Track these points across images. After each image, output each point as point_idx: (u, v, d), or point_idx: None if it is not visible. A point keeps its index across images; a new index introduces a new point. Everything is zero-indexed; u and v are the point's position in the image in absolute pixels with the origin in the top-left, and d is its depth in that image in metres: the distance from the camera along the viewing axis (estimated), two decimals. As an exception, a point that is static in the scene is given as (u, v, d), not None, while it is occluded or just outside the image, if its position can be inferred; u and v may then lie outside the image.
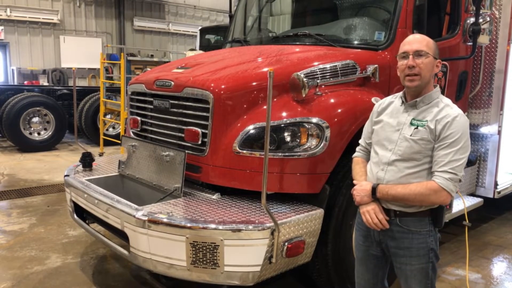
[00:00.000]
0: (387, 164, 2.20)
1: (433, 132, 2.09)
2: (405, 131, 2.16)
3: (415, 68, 2.12)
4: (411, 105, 2.20)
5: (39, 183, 6.82)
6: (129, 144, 3.57)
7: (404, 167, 2.15)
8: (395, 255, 2.26)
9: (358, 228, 2.45)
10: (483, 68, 4.37)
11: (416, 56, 2.12)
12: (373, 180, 2.28)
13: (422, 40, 2.16)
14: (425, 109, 2.16)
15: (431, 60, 2.13)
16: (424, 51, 2.12)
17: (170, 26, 16.70)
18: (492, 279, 3.92)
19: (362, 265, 2.46)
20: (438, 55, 2.18)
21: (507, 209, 5.68)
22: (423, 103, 2.17)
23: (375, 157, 2.30)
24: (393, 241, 2.24)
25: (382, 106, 2.37)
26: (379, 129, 2.31)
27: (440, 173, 2.05)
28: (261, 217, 2.70)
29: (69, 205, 3.65)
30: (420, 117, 2.15)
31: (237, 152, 2.92)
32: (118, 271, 3.92)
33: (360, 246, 2.44)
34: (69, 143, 10.44)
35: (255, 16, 4.93)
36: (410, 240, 2.19)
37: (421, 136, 2.11)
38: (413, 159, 2.13)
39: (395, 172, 2.17)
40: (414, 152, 2.12)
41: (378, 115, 2.37)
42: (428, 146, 2.11)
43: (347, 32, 3.89)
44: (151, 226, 2.66)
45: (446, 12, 3.97)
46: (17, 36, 13.63)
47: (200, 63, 3.63)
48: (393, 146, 2.19)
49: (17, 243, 4.46)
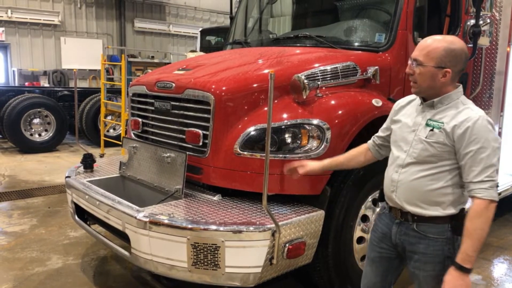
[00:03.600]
0: (401, 166, 2.14)
1: (449, 136, 1.98)
2: (420, 132, 2.08)
3: (412, 75, 2.07)
4: (429, 105, 2.10)
5: (40, 184, 6.83)
6: (130, 146, 3.57)
7: (418, 170, 2.08)
8: (410, 258, 2.20)
9: (375, 229, 2.38)
10: (483, 69, 4.37)
11: (415, 63, 2.05)
12: (388, 183, 2.23)
13: (425, 47, 2.04)
14: (443, 110, 2.05)
15: (428, 70, 2.01)
16: (420, 60, 2.02)
17: (170, 28, 16.72)
18: (493, 281, 3.92)
19: (372, 266, 2.40)
20: (452, 62, 2.00)
21: (507, 210, 5.68)
22: (441, 103, 2.06)
23: (390, 158, 2.25)
24: (409, 245, 2.17)
25: (401, 104, 2.30)
26: (397, 129, 2.24)
27: (478, 185, 1.94)
28: (262, 219, 2.71)
29: (70, 206, 3.66)
30: (437, 117, 2.05)
31: (238, 154, 2.93)
32: (119, 272, 3.92)
33: (373, 247, 2.37)
34: (70, 144, 10.45)
35: (256, 17, 4.94)
36: (426, 246, 2.11)
37: (437, 139, 2.01)
38: (428, 162, 2.05)
39: (409, 175, 2.11)
40: (429, 155, 2.04)
41: (395, 114, 2.30)
42: (445, 149, 2.01)
43: (348, 34, 3.90)
44: (152, 228, 2.67)
45: (447, 14, 3.98)
46: (18, 37, 13.66)
47: (201, 65, 3.64)
48: (408, 148, 2.12)
49: (18, 244, 4.46)
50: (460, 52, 2.03)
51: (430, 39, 2.09)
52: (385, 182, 2.26)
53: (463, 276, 1.93)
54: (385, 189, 2.28)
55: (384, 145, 2.41)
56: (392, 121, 2.32)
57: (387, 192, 2.25)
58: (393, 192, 2.18)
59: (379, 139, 2.44)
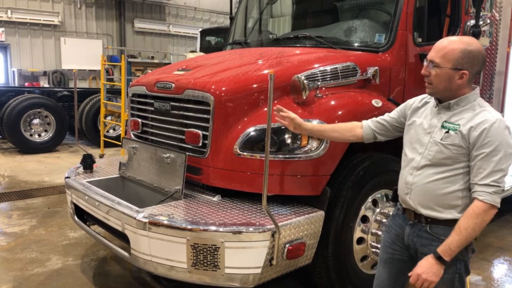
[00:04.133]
0: (416, 168, 2.12)
1: (465, 138, 1.96)
2: (436, 134, 2.06)
3: (428, 77, 2.07)
4: (445, 107, 2.08)
5: (40, 185, 6.83)
6: (129, 146, 3.57)
7: (433, 173, 2.06)
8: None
9: (389, 230, 2.37)
10: (483, 70, 4.37)
11: (431, 64, 2.04)
12: (402, 185, 2.21)
13: (441, 49, 2.02)
14: (459, 112, 2.03)
15: (445, 72, 1.99)
16: (435, 62, 2.02)
17: (170, 28, 16.72)
18: (493, 281, 3.92)
19: (385, 267, 2.39)
20: (470, 64, 1.98)
21: (507, 211, 5.67)
22: (457, 105, 2.04)
23: (405, 160, 2.23)
24: (421, 247, 2.16)
25: (417, 105, 2.27)
26: (411, 130, 2.22)
27: (482, 188, 1.93)
28: (261, 219, 2.70)
29: (70, 207, 3.65)
30: (453, 120, 2.03)
31: (237, 154, 2.93)
32: (118, 273, 3.92)
33: (386, 248, 2.37)
34: (70, 145, 10.44)
35: (256, 18, 4.94)
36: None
37: (452, 142, 1.99)
38: (443, 165, 2.03)
39: (423, 177, 2.09)
40: (444, 158, 2.02)
41: (411, 114, 2.27)
42: (460, 152, 1.99)
43: (348, 34, 3.89)
44: (151, 228, 2.66)
45: (446, 14, 3.98)
46: (18, 37, 13.65)
47: (200, 65, 3.64)
48: (423, 150, 2.11)
49: (18, 245, 4.46)
50: (477, 54, 2.00)
51: (446, 40, 2.06)
52: (400, 184, 2.25)
53: (437, 266, 1.96)
54: (399, 191, 2.26)
55: (386, 129, 2.43)
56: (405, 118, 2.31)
57: (401, 194, 2.24)
58: (407, 195, 2.17)
59: (383, 121, 2.43)
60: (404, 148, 2.25)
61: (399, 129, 2.38)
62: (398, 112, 2.39)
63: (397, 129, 2.40)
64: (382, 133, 2.46)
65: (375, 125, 2.47)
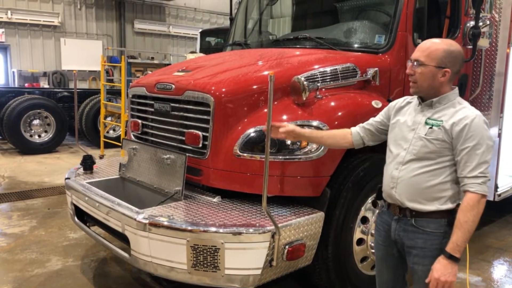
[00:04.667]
0: (401, 163, 2.22)
1: (448, 133, 2.09)
2: (420, 130, 2.18)
3: (412, 76, 2.18)
4: (428, 105, 2.21)
5: (40, 186, 6.83)
6: (130, 147, 3.57)
7: (418, 167, 2.17)
8: (409, 254, 2.28)
9: (378, 229, 2.48)
10: (483, 71, 4.37)
11: (415, 64, 2.16)
12: (388, 180, 2.29)
13: (426, 49, 2.15)
14: (441, 109, 2.17)
15: (429, 70, 2.12)
16: (421, 60, 2.13)
17: (170, 29, 16.72)
18: (493, 282, 3.92)
19: (383, 264, 2.48)
20: (452, 63, 2.12)
21: (507, 211, 5.68)
22: (439, 103, 2.18)
23: (390, 156, 2.32)
24: (408, 240, 2.25)
25: (400, 105, 2.38)
26: (396, 128, 2.32)
27: (472, 179, 2.04)
28: (261, 220, 2.71)
29: (70, 208, 3.66)
30: (435, 116, 2.16)
31: (237, 155, 2.93)
32: (118, 274, 3.92)
33: (380, 246, 2.46)
34: (70, 146, 10.45)
35: (256, 19, 4.94)
36: (424, 240, 2.19)
37: (436, 136, 2.12)
38: (427, 159, 2.15)
39: (409, 171, 2.19)
40: (428, 152, 2.14)
41: (394, 115, 2.37)
42: (443, 146, 2.11)
43: (348, 35, 3.90)
44: (151, 229, 2.66)
45: (446, 16, 3.98)
46: (18, 38, 13.65)
47: (200, 66, 3.64)
48: (408, 145, 2.21)
49: (18, 245, 4.46)
50: (458, 54, 2.16)
51: (429, 41, 2.20)
52: (385, 180, 2.34)
53: (452, 264, 2.03)
54: (384, 186, 2.35)
55: (372, 133, 2.50)
56: (389, 119, 2.41)
57: (386, 189, 2.32)
58: (393, 189, 2.26)
59: (369, 126, 2.51)
60: (389, 145, 2.35)
61: (385, 132, 2.45)
62: (382, 115, 2.48)
63: (383, 132, 2.48)
64: (370, 138, 2.53)
65: (363, 131, 2.54)
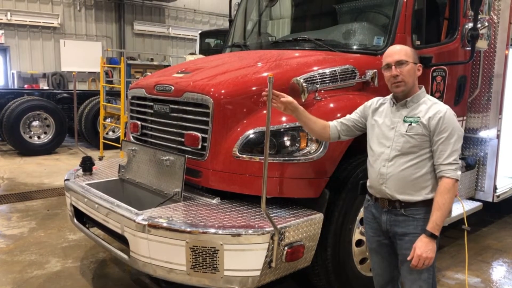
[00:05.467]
0: (387, 160, 2.41)
1: (426, 127, 2.32)
2: (400, 128, 2.39)
3: (398, 76, 2.36)
4: (402, 105, 2.43)
5: (39, 187, 6.83)
6: (129, 149, 3.58)
7: (404, 161, 2.37)
8: (401, 240, 2.43)
9: (367, 222, 2.65)
10: (481, 72, 4.38)
11: (397, 65, 2.36)
12: (376, 177, 2.45)
13: (400, 51, 2.40)
14: (415, 107, 2.40)
15: (411, 66, 2.37)
16: (403, 59, 2.36)
17: (170, 30, 16.75)
18: (492, 283, 3.92)
19: (378, 255, 2.64)
20: (418, 60, 2.43)
21: (506, 213, 5.68)
22: (412, 102, 2.41)
23: (373, 155, 2.51)
24: (399, 228, 2.42)
25: (375, 106, 2.59)
26: (376, 128, 2.51)
27: (447, 166, 2.28)
28: (260, 222, 2.71)
29: (69, 209, 3.66)
30: (412, 114, 2.38)
31: (237, 157, 2.93)
32: (118, 276, 3.92)
33: (371, 238, 2.63)
34: (69, 147, 10.45)
35: (255, 20, 4.95)
36: (415, 226, 2.37)
37: (416, 132, 2.33)
38: (410, 153, 2.35)
39: (396, 167, 2.38)
40: (411, 146, 2.35)
41: (372, 114, 2.57)
42: (423, 139, 2.33)
43: (346, 37, 3.90)
44: (151, 231, 2.67)
45: (445, 17, 3.99)
46: (18, 40, 13.68)
47: (200, 68, 3.65)
48: (390, 143, 2.41)
49: (17, 247, 4.46)
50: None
51: (394, 46, 2.50)
52: (372, 177, 2.52)
53: (432, 242, 2.27)
54: (372, 183, 2.52)
55: (348, 129, 2.68)
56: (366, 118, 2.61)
57: (375, 185, 2.49)
58: (382, 185, 2.44)
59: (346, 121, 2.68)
60: (371, 145, 2.53)
61: (360, 128, 2.67)
62: (359, 113, 2.68)
63: (358, 129, 2.68)
64: (346, 133, 2.71)
65: (340, 126, 2.70)
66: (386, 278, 2.66)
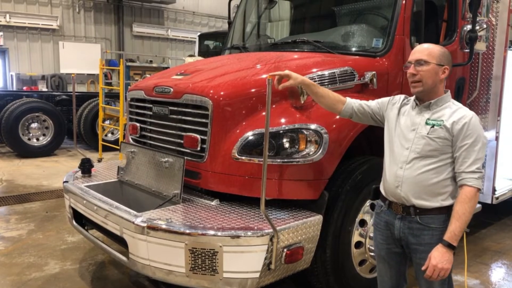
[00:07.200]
0: (405, 162, 2.32)
1: (449, 131, 2.22)
2: (421, 130, 2.29)
3: (416, 75, 2.28)
4: (425, 107, 2.33)
5: (38, 189, 6.82)
6: (128, 150, 3.58)
7: (422, 165, 2.27)
8: (415, 251, 2.34)
9: (377, 228, 2.55)
10: (480, 74, 4.39)
11: (417, 64, 2.28)
12: (392, 179, 2.36)
13: (424, 50, 2.31)
14: (438, 111, 2.30)
15: (432, 67, 2.26)
16: (423, 60, 2.26)
17: (169, 32, 16.75)
18: (491, 285, 3.92)
19: (385, 263, 2.55)
20: (447, 61, 2.30)
21: (505, 214, 5.69)
22: (436, 105, 2.31)
23: (390, 156, 2.42)
24: (414, 238, 2.33)
25: (398, 104, 2.49)
26: (397, 129, 2.41)
27: (469, 174, 2.18)
28: (260, 223, 2.71)
29: (68, 211, 3.65)
30: (434, 117, 2.29)
31: (236, 158, 2.93)
32: (117, 277, 3.91)
33: (380, 245, 2.53)
34: (68, 149, 10.44)
35: (254, 22, 4.96)
36: (430, 236, 2.28)
37: (438, 135, 2.24)
38: (430, 156, 2.26)
39: (414, 170, 2.29)
40: (431, 150, 2.25)
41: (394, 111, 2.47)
42: (445, 144, 2.23)
43: (345, 39, 3.91)
44: (150, 233, 2.66)
45: (443, 19, 4.00)
46: (16, 42, 13.66)
47: (199, 70, 3.65)
48: (410, 145, 2.31)
49: (16, 249, 4.45)
50: (449, 55, 2.35)
51: (423, 45, 2.38)
52: (388, 179, 2.41)
53: (449, 252, 2.16)
54: (388, 185, 2.41)
55: (364, 114, 2.63)
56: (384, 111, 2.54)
57: (390, 188, 2.39)
58: (397, 187, 2.33)
59: (366, 107, 2.62)
60: (391, 146, 2.43)
61: (375, 118, 2.61)
62: (380, 103, 2.60)
63: (373, 118, 2.62)
64: (359, 117, 2.66)
65: (358, 107, 2.64)
66: (392, 286, 2.58)
